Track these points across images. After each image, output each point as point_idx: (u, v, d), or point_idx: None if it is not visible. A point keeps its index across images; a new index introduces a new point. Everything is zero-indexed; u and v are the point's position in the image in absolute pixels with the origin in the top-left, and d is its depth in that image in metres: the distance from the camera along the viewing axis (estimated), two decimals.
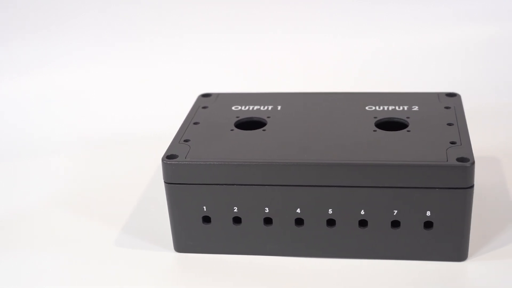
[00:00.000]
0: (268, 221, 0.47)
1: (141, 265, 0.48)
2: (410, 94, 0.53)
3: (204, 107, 0.53)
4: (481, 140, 0.60)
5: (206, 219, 0.47)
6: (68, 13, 0.75)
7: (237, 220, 0.47)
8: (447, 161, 0.44)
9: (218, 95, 0.55)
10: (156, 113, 0.69)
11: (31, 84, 0.74)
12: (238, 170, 0.45)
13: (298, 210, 0.46)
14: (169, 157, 0.46)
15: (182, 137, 0.49)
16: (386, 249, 0.46)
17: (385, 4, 0.77)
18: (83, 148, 0.65)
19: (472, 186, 0.44)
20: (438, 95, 0.53)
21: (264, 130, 0.49)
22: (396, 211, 0.45)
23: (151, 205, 0.54)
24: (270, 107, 0.52)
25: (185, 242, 0.48)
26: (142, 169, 0.59)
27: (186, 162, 0.46)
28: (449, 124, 0.48)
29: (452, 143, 0.46)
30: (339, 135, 0.48)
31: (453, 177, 0.43)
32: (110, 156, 0.63)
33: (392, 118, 0.50)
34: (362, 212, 0.45)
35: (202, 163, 0.45)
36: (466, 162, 0.43)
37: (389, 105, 0.51)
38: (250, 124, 0.51)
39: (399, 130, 0.48)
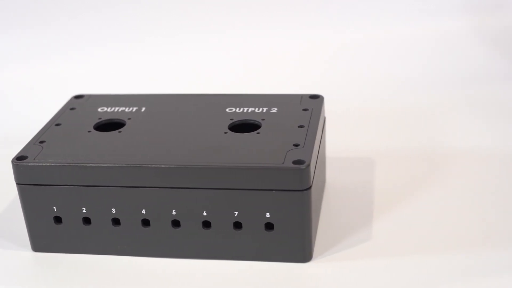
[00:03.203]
0: (116, 221, 0.47)
1: None
2: (275, 96, 0.54)
3: (72, 109, 0.54)
4: (350, 141, 0.61)
5: (58, 219, 0.48)
6: None
7: (86, 220, 0.47)
8: (283, 163, 0.44)
9: (90, 96, 0.56)
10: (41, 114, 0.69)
11: None
12: (83, 171, 0.46)
13: (144, 211, 0.46)
14: (19, 158, 0.47)
15: (39, 139, 0.49)
16: (230, 249, 0.47)
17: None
18: None
19: (309, 188, 0.44)
20: (301, 97, 0.53)
21: (120, 132, 0.50)
22: (237, 213, 0.45)
23: (18, 205, 0.54)
24: (134, 109, 0.53)
25: (40, 241, 0.49)
26: None
27: (34, 164, 0.46)
28: (300, 126, 0.49)
29: (296, 145, 0.46)
30: (190, 137, 0.48)
31: (289, 180, 0.44)
32: None
33: (245, 120, 0.50)
34: (205, 214, 0.46)
35: (48, 164, 0.46)
36: (301, 165, 0.44)
37: (249, 107, 0.52)
38: (110, 125, 0.51)
39: (251, 132, 0.49)
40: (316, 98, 0.53)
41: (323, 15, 0.78)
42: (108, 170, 0.46)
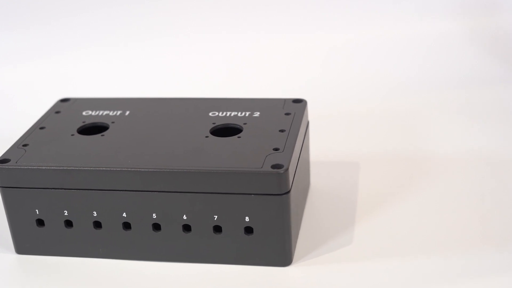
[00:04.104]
0: (97, 224, 0.48)
1: None
2: (258, 100, 0.54)
3: (57, 112, 0.54)
4: (336, 145, 0.61)
5: (40, 222, 0.48)
6: None
7: (68, 223, 0.48)
8: (261, 167, 0.44)
9: (76, 100, 0.56)
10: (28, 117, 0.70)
11: None
12: (65, 175, 0.46)
13: (124, 214, 0.47)
14: (1, 161, 0.47)
15: (23, 142, 0.50)
16: (211, 253, 0.47)
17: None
18: None
19: (288, 192, 0.45)
20: (285, 101, 0.54)
21: (102, 135, 0.50)
22: (216, 217, 0.46)
23: (2, 207, 0.55)
24: (119, 112, 0.53)
25: (23, 244, 0.49)
26: None
27: (16, 167, 0.47)
28: (281, 131, 0.49)
29: (275, 149, 0.46)
30: (171, 141, 0.48)
31: (268, 184, 0.44)
32: None
33: (227, 124, 0.50)
34: (185, 217, 0.46)
35: (30, 167, 0.46)
36: (280, 169, 0.44)
37: (232, 111, 0.52)
38: (93, 129, 0.52)
39: (233, 136, 0.49)
40: (299, 103, 0.53)
41: (311, 17, 0.78)
42: (89, 173, 0.46)
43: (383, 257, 0.47)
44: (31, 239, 0.49)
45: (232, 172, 0.44)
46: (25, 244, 0.49)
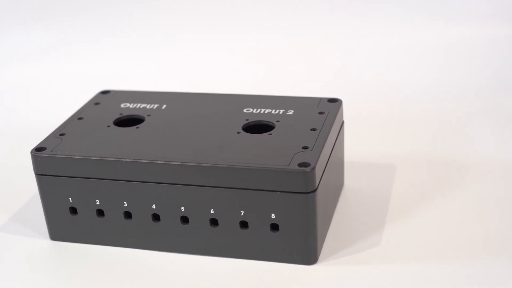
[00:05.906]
0: (128, 215, 0.48)
1: (14, 250, 0.50)
2: (293, 98, 0.54)
3: (96, 104, 0.55)
4: (373, 146, 0.60)
5: (73, 210, 0.49)
6: None
7: (100, 212, 0.49)
8: (288, 165, 0.45)
9: (116, 92, 0.57)
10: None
11: None
12: (97, 165, 0.47)
13: (154, 206, 0.47)
14: (38, 149, 0.49)
15: (60, 131, 0.51)
16: (236, 248, 0.47)
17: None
18: None
19: (314, 191, 0.45)
20: (320, 100, 0.53)
21: (137, 128, 0.51)
22: (243, 212, 0.46)
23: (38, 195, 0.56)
24: (155, 106, 0.54)
25: (57, 231, 0.50)
26: None
27: (51, 155, 0.48)
28: (313, 130, 0.49)
29: (304, 148, 0.46)
30: (203, 136, 0.49)
31: (294, 182, 0.44)
32: (16, 147, 0.66)
33: (260, 121, 0.51)
34: (212, 211, 0.47)
35: (64, 156, 0.48)
36: (306, 167, 0.44)
37: (266, 108, 0.53)
38: (129, 121, 0.52)
39: (264, 133, 0.49)
40: (335, 102, 0.53)
41: (350, 18, 0.78)
42: (121, 164, 0.47)
43: (409, 261, 0.47)
44: (65, 226, 0.50)
45: (259, 169, 0.45)
46: (58, 231, 0.50)
